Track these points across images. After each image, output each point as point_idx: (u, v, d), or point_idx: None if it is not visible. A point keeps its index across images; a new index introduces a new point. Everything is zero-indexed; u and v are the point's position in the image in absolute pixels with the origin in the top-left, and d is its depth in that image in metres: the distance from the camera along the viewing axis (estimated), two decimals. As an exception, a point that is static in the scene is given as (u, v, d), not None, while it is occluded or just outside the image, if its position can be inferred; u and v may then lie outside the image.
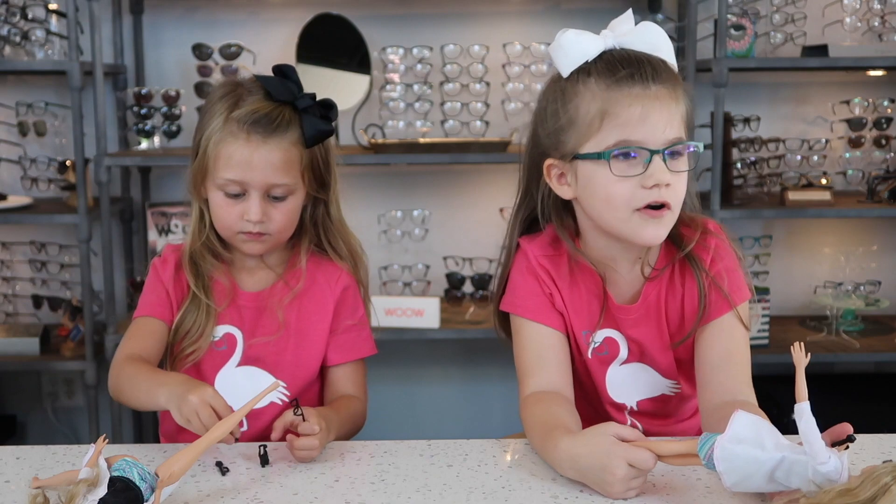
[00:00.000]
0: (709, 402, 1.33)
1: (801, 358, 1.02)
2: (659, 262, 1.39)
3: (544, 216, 1.41)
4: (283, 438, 1.30)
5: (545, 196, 1.40)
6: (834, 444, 1.05)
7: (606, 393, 1.44)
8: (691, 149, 1.30)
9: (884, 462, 1.00)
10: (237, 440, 1.28)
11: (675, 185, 1.28)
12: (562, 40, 1.31)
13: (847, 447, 1.04)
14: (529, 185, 1.43)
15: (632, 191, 1.26)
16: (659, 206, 1.27)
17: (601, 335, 1.40)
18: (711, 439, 1.06)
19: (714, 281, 1.36)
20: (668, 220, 1.30)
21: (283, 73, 1.47)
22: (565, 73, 1.31)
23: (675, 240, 1.37)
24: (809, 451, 1.00)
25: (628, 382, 1.44)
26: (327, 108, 1.47)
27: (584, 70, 1.29)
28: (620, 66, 1.27)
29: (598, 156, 1.27)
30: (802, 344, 1.04)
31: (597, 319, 1.39)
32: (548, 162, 1.35)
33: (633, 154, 1.26)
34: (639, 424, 1.45)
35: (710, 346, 1.35)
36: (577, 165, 1.31)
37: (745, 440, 1.03)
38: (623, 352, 1.42)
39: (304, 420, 1.27)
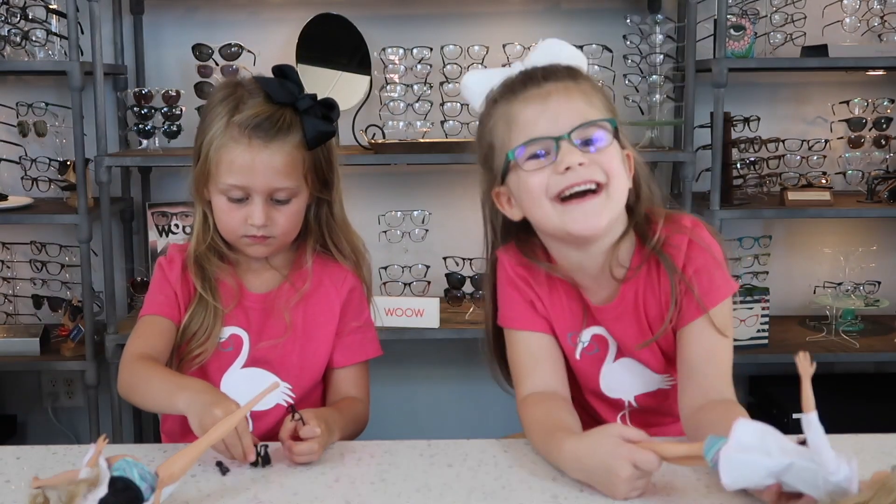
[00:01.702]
0: (688, 405, 1.32)
1: (807, 367, 1.00)
2: (633, 262, 1.38)
3: (504, 242, 1.44)
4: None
5: (500, 224, 1.44)
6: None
7: (602, 392, 1.44)
8: (601, 140, 1.29)
9: (893, 467, 0.98)
10: (254, 465, 1.25)
11: (596, 160, 1.27)
12: (465, 81, 1.41)
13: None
14: (487, 217, 1.48)
15: (546, 179, 1.28)
16: (583, 193, 1.27)
17: (588, 333, 1.41)
18: (719, 444, 1.05)
19: (688, 284, 1.34)
20: (598, 204, 1.28)
21: (283, 73, 1.46)
22: (477, 108, 1.38)
23: (644, 237, 1.37)
24: (819, 461, 0.99)
25: (623, 378, 1.44)
26: (328, 108, 1.46)
27: (492, 99, 1.36)
28: (515, 80, 1.34)
29: (507, 161, 1.31)
30: (809, 354, 1.01)
31: (580, 320, 1.40)
32: (494, 191, 1.39)
33: (540, 152, 1.28)
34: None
35: (688, 348, 1.34)
36: (508, 183, 1.34)
37: (751, 448, 1.03)
38: (612, 347, 1.42)
39: (304, 424, 1.27)
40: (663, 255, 1.35)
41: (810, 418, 0.99)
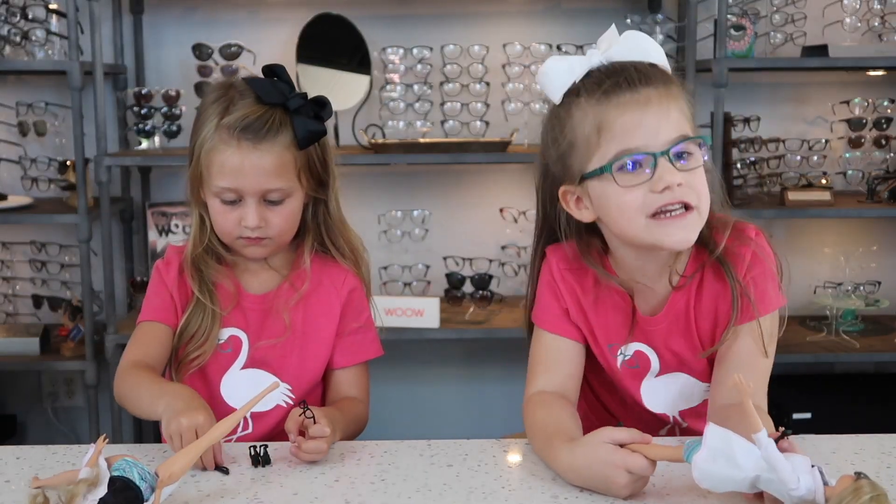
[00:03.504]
0: (717, 401, 1.32)
1: (745, 389, 1.02)
2: (688, 270, 1.37)
3: (566, 239, 1.39)
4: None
5: (563, 221, 1.38)
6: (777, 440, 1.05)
7: (643, 405, 1.43)
8: (695, 158, 1.26)
9: (855, 473, 0.98)
10: (254, 465, 1.26)
11: (690, 182, 1.24)
12: (545, 68, 1.30)
13: (785, 437, 1.05)
14: (546, 212, 1.41)
15: (643, 198, 1.24)
16: (678, 209, 1.25)
17: (631, 348, 1.39)
18: (696, 447, 1.06)
19: (744, 288, 1.33)
20: (692, 222, 1.26)
21: (275, 73, 1.45)
22: (556, 100, 1.29)
23: (705, 244, 1.34)
24: (778, 478, 1.00)
25: (665, 394, 1.42)
26: (320, 107, 1.45)
27: (573, 91, 1.28)
28: (606, 78, 1.25)
29: (600, 171, 1.25)
30: (742, 376, 1.03)
31: (624, 332, 1.38)
32: (562, 189, 1.33)
33: (634, 162, 1.23)
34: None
35: (732, 348, 1.34)
36: (587, 186, 1.29)
37: (719, 455, 1.03)
38: (655, 365, 1.40)
39: (314, 422, 1.26)
40: (726, 264, 1.34)
41: (760, 437, 1.01)
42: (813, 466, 1.02)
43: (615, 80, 1.25)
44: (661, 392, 1.42)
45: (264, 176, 1.41)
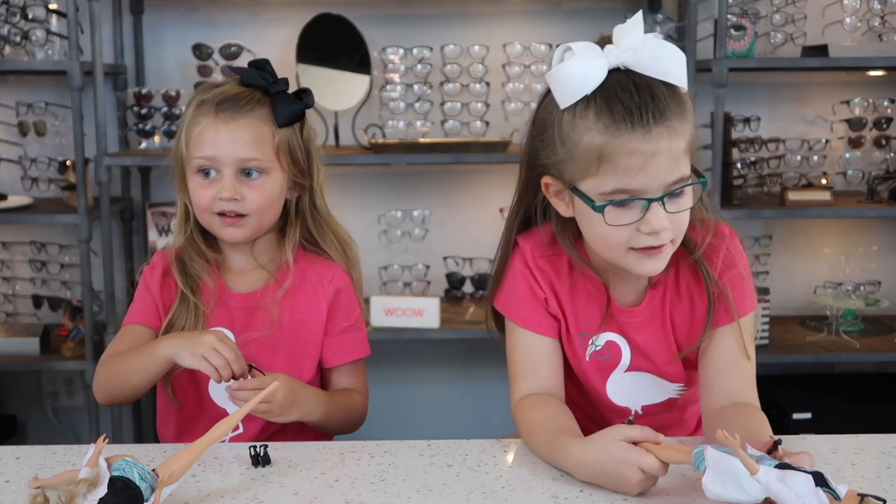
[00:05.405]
0: (710, 404, 1.32)
1: (732, 442, 1.02)
2: None
3: (545, 218, 1.38)
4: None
5: (541, 203, 1.37)
6: (769, 452, 1.06)
7: (608, 398, 1.42)
8: (687, 201, 1.25)
9: (859, 495, 0.99)
10: (254, 465, 1.26)
11: (676, 223, 1.24)
12: (559, 75, 1.21)
13: (777, 448, 1.07)
14: (527, 189, 1.39)
15: (628, 234, 1.23)
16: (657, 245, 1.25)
17: (603, 338, 1.38)
18: (704, 460, 1.06)
19: (723, 289, 1.33)
20: (667, 254, 1.26)
21: (259, 67, 1.50)
22: (563, 106, 1.23)
23: (684, 243, 1.33)
24: None
25: (633, 389, 1.42)
26: (301, 92, 1.51)
27: (583, 102, 1.21)
28: (621, 105, 1.18)
29: (592, 204, 1.23)
30: (724, 431, 1.03)
31: (598, 322, 1.37)
32: (545, 180, 1.31)
33: (627, 202, 1.22)
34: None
35: (716, 349, 1.34)
36: (574, 200, 1.27)
37: (728, 480, 1.04)
38: (626, 357, 1.39)
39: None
40: (703, 264, 1.34)
41: (760, 476, 1.02)
42: (817, 486, 1.00)
43: (629, 111, 1.18)
44: (628, 388, 1.42)
45: (241, 144, 1.44)
